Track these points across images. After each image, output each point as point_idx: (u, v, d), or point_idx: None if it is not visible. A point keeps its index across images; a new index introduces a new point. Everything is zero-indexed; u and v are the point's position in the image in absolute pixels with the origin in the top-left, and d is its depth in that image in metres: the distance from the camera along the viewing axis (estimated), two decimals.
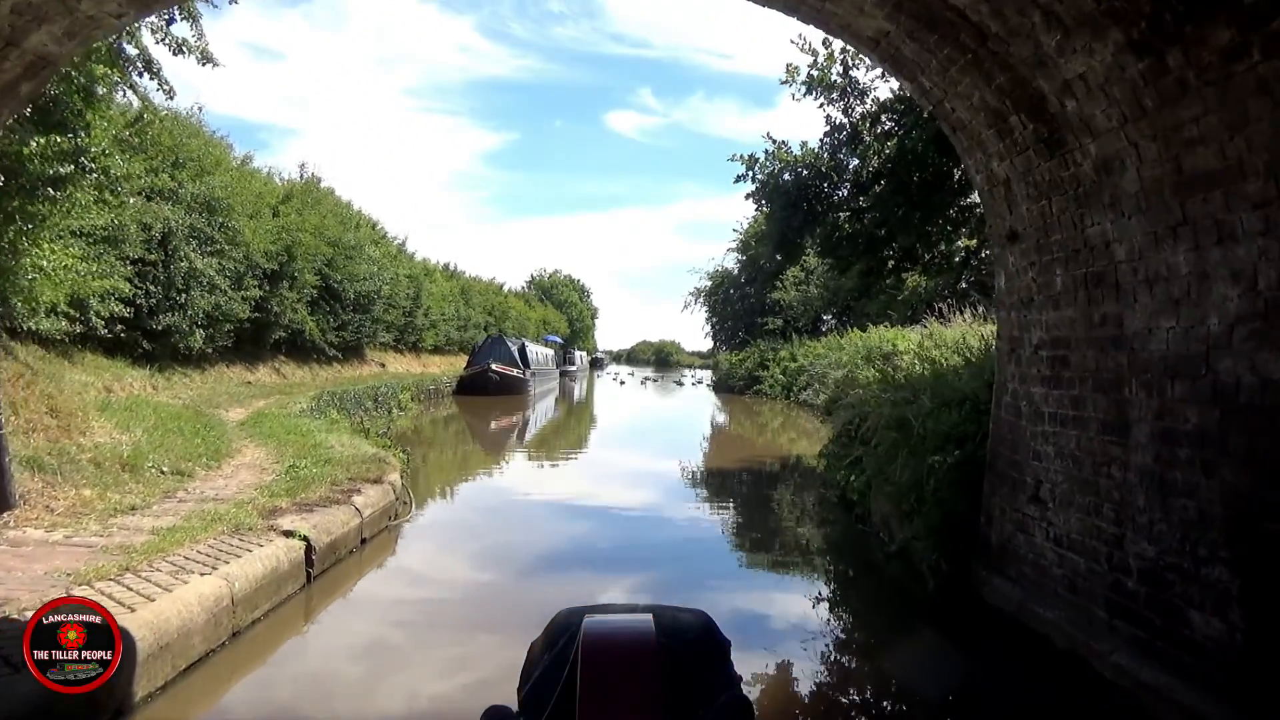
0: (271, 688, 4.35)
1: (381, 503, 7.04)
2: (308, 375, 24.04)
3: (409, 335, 36.54)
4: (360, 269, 26.22)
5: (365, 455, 8.53)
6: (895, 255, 12.56)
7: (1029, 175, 4.43)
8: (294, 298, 21.86)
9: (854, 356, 25.48)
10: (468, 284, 49.80)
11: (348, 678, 4.51)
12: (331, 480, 7.05)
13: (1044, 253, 4.50)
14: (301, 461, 7.91)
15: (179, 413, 12.13)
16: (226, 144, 21.11)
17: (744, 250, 44.72)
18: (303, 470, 7.41)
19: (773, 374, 34.68)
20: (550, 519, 9.09)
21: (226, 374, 19.94)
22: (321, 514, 5.96)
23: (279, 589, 4.99)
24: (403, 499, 8.27)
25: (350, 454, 8.52)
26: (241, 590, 4.45)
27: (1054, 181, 4.24)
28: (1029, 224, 4.60)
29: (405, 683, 4.43)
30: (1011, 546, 4.90)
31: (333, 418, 14.36)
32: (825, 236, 11.46)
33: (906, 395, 6.70)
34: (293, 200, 22.80)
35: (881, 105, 11.78)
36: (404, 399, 22.73)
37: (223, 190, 17.76)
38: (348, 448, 9.05)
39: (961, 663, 4.79)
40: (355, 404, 18.57)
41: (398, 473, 8.38)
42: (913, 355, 20.00)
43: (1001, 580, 4.95)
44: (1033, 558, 4.65)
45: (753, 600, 6.29)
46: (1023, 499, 4.77)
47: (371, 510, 6.70)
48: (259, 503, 6.05)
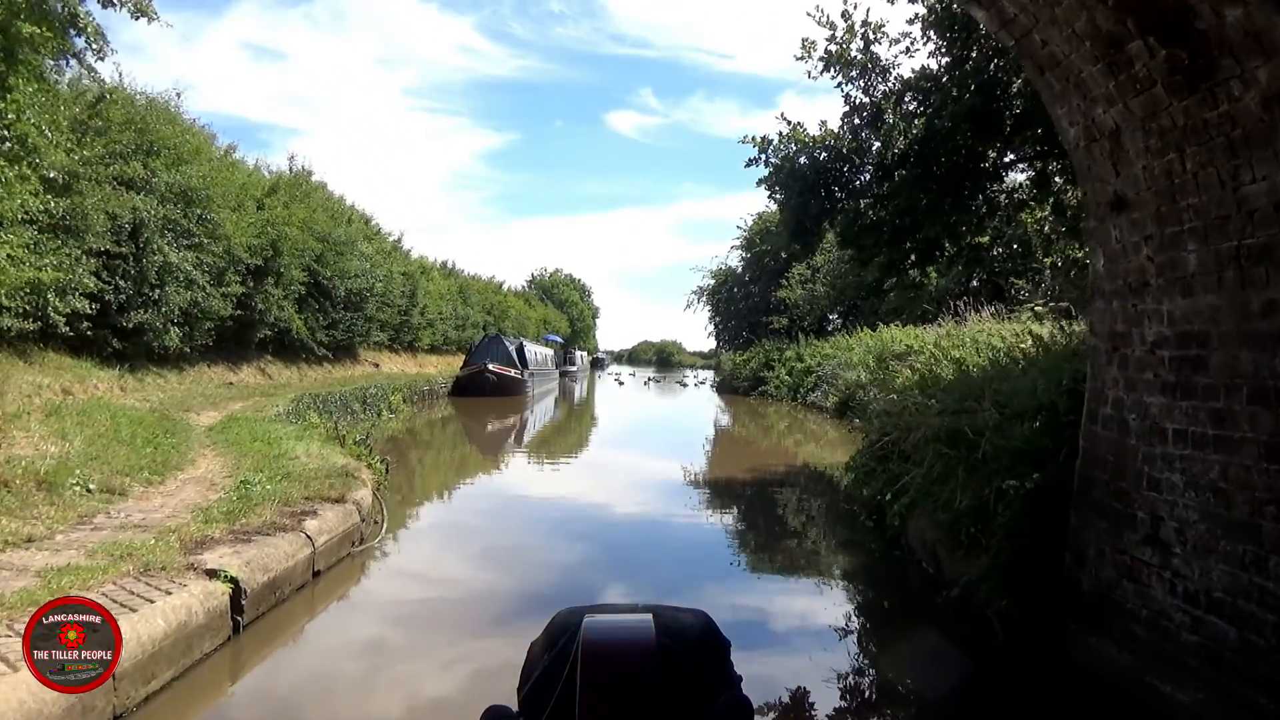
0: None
1: (342, 526, 6.03)
2: (295, 376, 23.05)
3: (404, 334, 35.55)
4: (351, 265, 25.22)
5: (332, 468, 7.51)
6: (918, 247, 11.52)
7: (1151, 121, 3.41)
8: (280, 295, 20.86)
9: (864, 357, 24.50)
10: (466, 282, 48.83)
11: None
12: (284, 500, 6.04)
13: (1168, 222, 3.48)
14: (257, 476, 6.90)
15: (141, 418, 11.13)
16: (208, 134, 20.16)
17: (749, 247, 43.69)
18: (255, 488, 6.39)
19: (778, 375, 33.69)
20: (541, 542, 8.05)
21: (207, 374, 18.95)
22: (261, 545, 4.95)
23: (189, 649, 3.98)
24: (373, 518, 7.26)
25: (315, 467, 7.51)
26: (130, 659, 3.43)
27: (1191, 127, 3.22)
28: (1146, 186, 3.57)
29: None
30: (1114, 598, 3.88)
31: (312, 421, 13.37)
32: (846, 225, 10.40)
33: (958, 402, 5.68)
34: (279, 193, 21.80)
35: (906, 83, 10.74)
36: (395, 400, 21.73)
37: (201, 180, 16.75)
38: (314, 459, 8.05)
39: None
40: (341, 406, 17.56)
41: (369, 488, 7.37)
42: (929, 355, 19.00)
43: (1100, 639, 3.93)
44: (1149, 616, 3.63)
45: (774, 632, 5.53)
46: (1132, 539, 3.75)
47: (328, 537, 5.68)
48: (187, 531, 5.04)
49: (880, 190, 10.85)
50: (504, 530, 8.61)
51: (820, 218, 10.70)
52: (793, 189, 10.42)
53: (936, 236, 11.48)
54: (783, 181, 10.63)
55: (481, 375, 28.64)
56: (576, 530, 8.38)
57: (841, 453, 15.97)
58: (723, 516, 10.28)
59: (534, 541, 7.96)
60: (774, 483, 12.20)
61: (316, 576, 5.51)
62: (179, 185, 15.94)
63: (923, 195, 10.51)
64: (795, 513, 10.32)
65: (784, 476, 12.90)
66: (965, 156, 9.97)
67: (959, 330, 20.07)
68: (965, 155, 9.99)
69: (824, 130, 10.54)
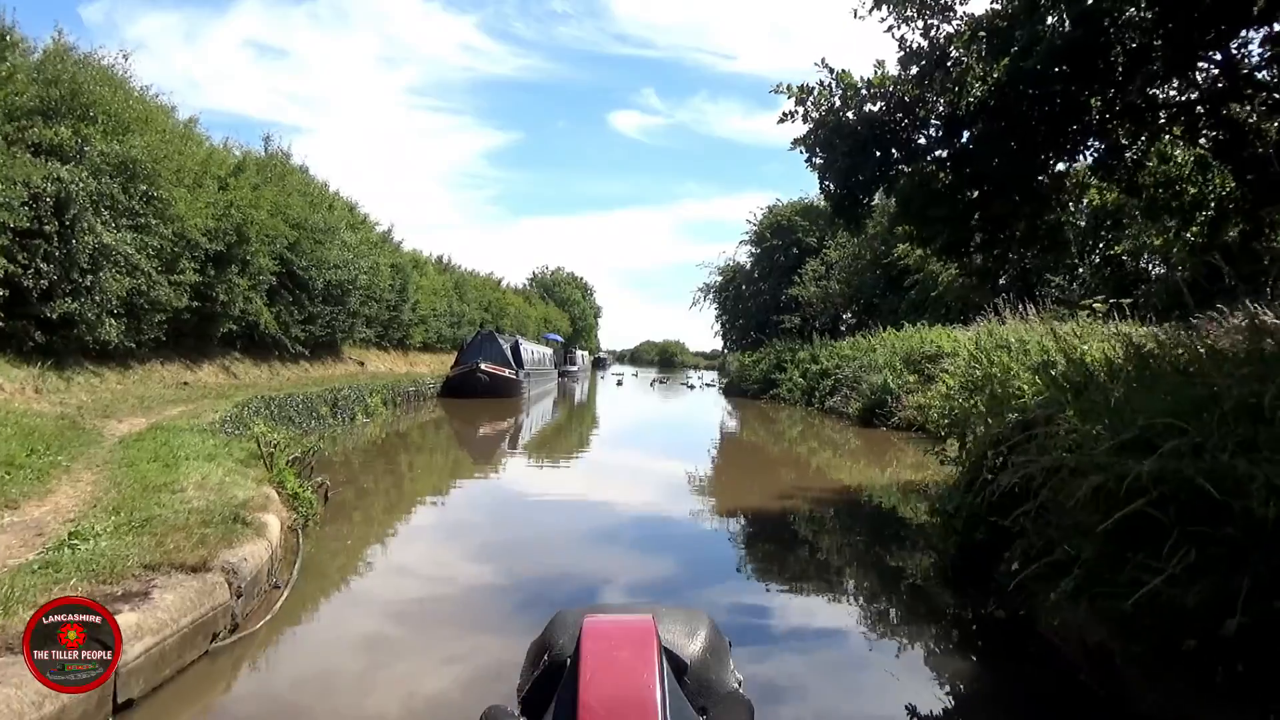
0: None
1: (192, 613, 3.91)
2: (265, 375, 21.01)
3: (394, 331, 33.54)
4: (331, 254, 23.17)
5: (223, 507, 5.43)
6: (988, 223, 9.41)
7: None
8: (246, 285, 18.81)
9: (890, 359, 22.35)
10: (462, 278, 46.80)
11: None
12: (110, 569, 3.97)
13: None
14: (104, 523, 4.84)
15: (34, 427, 9.12)
16: (165, 106, 18.11)
17: (758, 242, 41.62)
18: (82, 546, 4.33)
19: (791, 377, 31.65)
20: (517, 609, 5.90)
21: (159, 373, 16.91)
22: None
23: None
24: (273, 579, 5.18)
25: (199, 506, 5.43)
26: None
27: None
28: None
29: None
30: None
31: (259, 430, 11.31)
32: (909, 192, 8.30)
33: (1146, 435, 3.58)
34: (246, 173, 19.73)
35: (977, 21, 8.66)
36: (374, 403, 19.67)
37: (147, 153, 14.71)
38: (208, 491, 5.97)
39: None
40: (304, 411, 15.51)
41: (268, 540, 5.28)
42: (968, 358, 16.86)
43: None
44: None
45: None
46: None
47: (153, 640, 3.57)
48: None
49: (948, 149, 8.77)
50: (453, 609, 5.74)
51: (872, 184, 8.61)
52: (838, 149, 8.34)
53: (1009, 212, 9.37)
54: (825, 140, 8.53)
55: (473, 375, 26.65)
56: (566, 592, 6.25)
57: (878, 470, 13.78)
58: (769, 586, 7.04)
59: (498, 620, 5.54)
60: (822, 522, 9.85)
61: (126, 709, 3.40)
62: (118, 156, 13.90)
63: (1002, 158, 8.44)
64: (855, 565, 7.77)
65: (828, 504, 10.73)
66: (1063, 105, 7.89)
67: (1000, 331, 17.97)
68: (1062, 103, 7.91)
69: (879, 74, 8.44)
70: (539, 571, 6.70)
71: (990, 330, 17.88)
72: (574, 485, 12.40)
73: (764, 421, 24.94)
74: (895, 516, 9.92)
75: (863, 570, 7.53)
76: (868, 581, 7.11)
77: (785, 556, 7.86)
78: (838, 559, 7.99)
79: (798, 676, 4.48)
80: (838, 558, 8.04)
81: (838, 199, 8.55)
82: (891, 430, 18.77)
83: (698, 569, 7.10)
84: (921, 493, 10.17)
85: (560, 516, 9.51)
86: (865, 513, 10.29)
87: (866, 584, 7.06)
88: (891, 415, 19.11)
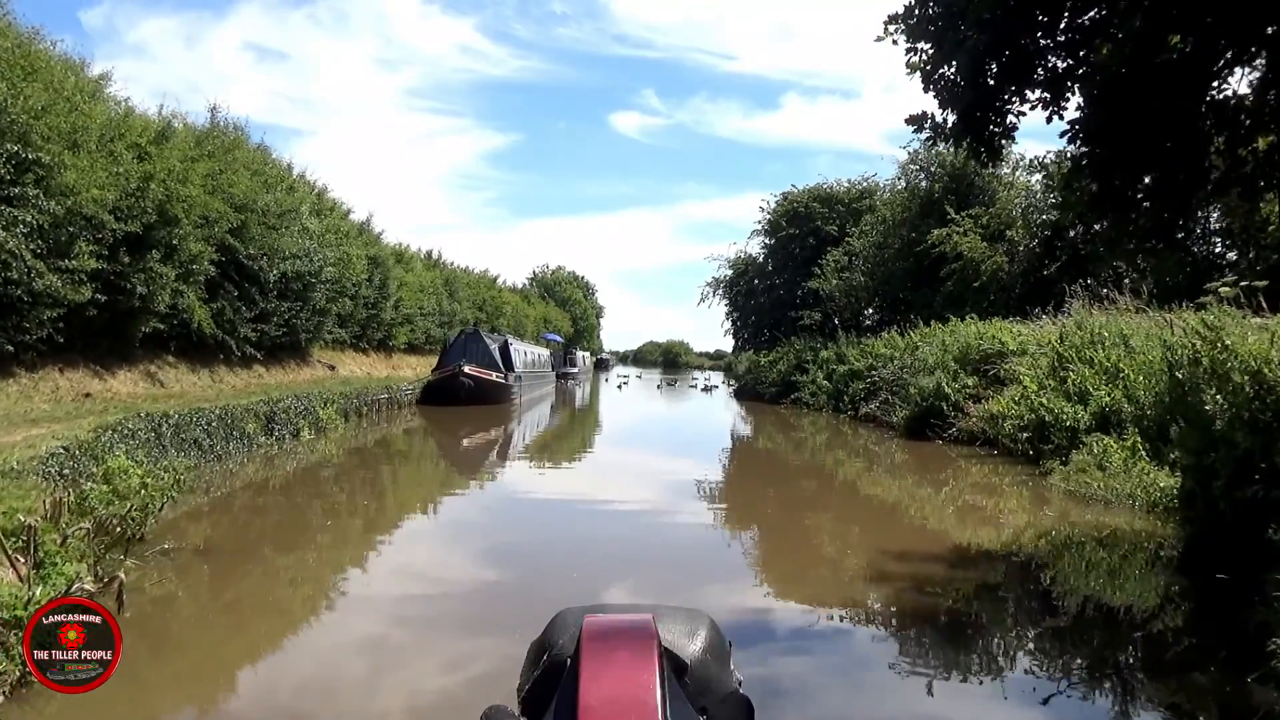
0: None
1: None
2: (203, 383, 17.76)
3: (373, 331, 30.38)
4: (286, 242, 19.93)
5: None
6: (1157, 195, 6.12)
7: None
8: (173, 274, 15.57)
9: (942, 358, 19.03)
10: (453, 274, 43.67)
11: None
12: None
13: None
14: None
15: None
16: (67, 57, 14.91)
17: (773, 232, 38.30)
18: None
19: (814, 379, 28.41)
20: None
21: (56, 381, 13.69)
22: None
23: None
24: None
25: None
26: None
27: None
28: None
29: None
30: None
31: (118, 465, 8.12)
32: (1111, 73, 5.05)
33: None
34: (173, 141, 16.47)
35: None
36: (326, 415, 16.42)
37: (19, 105, 11.54)
38: None
39: None
40: (220, 431, 12.27)
41: None
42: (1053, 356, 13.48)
43: None
44: None
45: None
46: None
47: None
48: None
49: (1134, 27, 5.50)
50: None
51: (1020, 73, 5.34)
52: (976, 12, 5.05)
53: (1194, 180, 6.11)
54: (947, 6, 5.25)
55: (455, 379, 23.48)
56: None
57: (994, 518, 10.15)
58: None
59: None
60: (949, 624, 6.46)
61: None
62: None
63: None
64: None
65: (979, 614, 6.33)
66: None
67: (1091, 322, 14.67)
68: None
69: None
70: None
71: (1079, 323, 14.65)
72: (580, 526, 9.15)
73: (792, 432, 21.60)
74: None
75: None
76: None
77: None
78: None
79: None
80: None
81: (969, 100, 5.28)
82: (950, 444, 15.50)
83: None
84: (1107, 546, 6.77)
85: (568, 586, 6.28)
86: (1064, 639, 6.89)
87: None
88: (950, 425, 15.84)
